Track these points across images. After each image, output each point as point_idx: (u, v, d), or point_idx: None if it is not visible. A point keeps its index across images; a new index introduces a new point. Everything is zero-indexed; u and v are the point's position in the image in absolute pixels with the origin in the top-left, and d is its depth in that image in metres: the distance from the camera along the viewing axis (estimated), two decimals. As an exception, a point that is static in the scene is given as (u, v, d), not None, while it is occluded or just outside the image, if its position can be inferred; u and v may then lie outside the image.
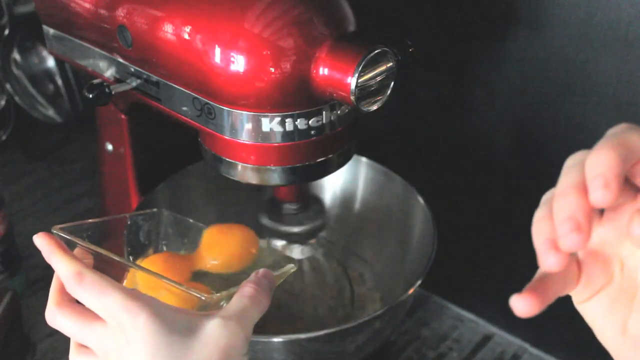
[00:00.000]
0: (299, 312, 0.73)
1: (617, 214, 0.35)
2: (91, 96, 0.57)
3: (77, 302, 0.44)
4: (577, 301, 0.38)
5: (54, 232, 0.47)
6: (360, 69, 0.48)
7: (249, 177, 0.56)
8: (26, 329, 0.75)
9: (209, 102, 0.53)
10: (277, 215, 0.65)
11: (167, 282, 0.47)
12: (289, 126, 0.52)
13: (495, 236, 0.76)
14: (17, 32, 0.96)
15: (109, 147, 0.73)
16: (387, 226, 0.78)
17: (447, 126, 0.76)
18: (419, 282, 0.62)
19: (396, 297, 0.61)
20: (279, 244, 0.66)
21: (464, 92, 0.72)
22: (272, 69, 0.49)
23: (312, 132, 0.53)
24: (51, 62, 0.97)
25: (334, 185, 0.81)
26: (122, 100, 0.66)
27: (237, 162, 0.55)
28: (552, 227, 0.33)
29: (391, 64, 0.51)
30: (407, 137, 0.81)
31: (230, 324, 0.43)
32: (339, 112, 0.54)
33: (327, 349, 0.61)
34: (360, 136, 0.59)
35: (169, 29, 0.53)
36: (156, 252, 0.58)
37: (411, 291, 0.61)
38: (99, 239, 0.50)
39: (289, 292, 0.74)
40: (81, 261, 0.44)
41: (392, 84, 0.52)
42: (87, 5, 0.60)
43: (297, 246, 0.67)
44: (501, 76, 0.68)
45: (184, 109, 0.56)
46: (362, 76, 0.49)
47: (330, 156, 0.56)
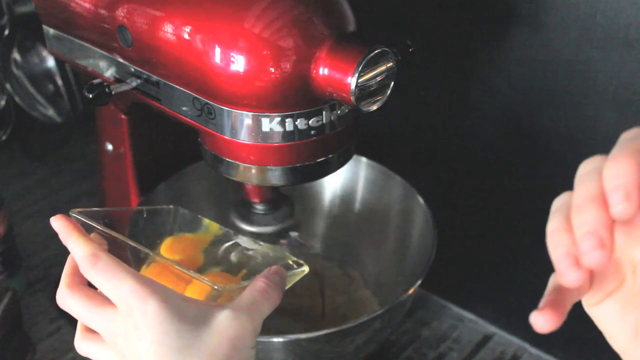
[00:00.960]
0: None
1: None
2: (91, 96, 0.57)
3: (89, 286, 0.44)
4: (587, 304, 0.37)
5: (72, 215, 0.47)
6: (360, 69, 0.48)
7: (249, 177, 0.56)
8: (26, 329, 0.75)
9: (209, 102, 0.53)
10: (247, 215, 0.64)
11: (181, 270, 0.47)
12: (289, 126, 0.52)
13: (495, 236, 0.76)
14: (17, 32, 0.96)
15: (109, 147, 0.73)
16: (387, 226, 0.78)
17: (447, 126, 0.76)
18: (419, 282, 0.62)
19: (396, 297, 0.61)
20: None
21: (464, 92, 0.72)
22: (272, 69, 0.49)
23: (312, 132, 0.53)
24: (51, 62, 0.97)
25: (334, 185, 0.81)
26: (122, 100, 0.66)
27: (237, 162, 0.55)
28: (570, 239, 0.32)
29: (391, 64, 0.51)
30: (407, 137, 0.81)
31: (240, 315, 0.43)
32: (339, 112, 0.54)
33: (327, 349, 0.61)
34: (360, 136, 0.59)
35: (169, 29, 0.53)
36: None
37: (411, 291, 0.61)
38: (115, 228, 0.50)
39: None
40: (97, 244, 0.44)
41: (392, 84, 0.52)
42: (87, 5, 0.60)
43: None
44: (501, 76, 0.68)
45: (184, 109, 0.56)
46: (362, 76, 0.49)
47: (330, 156, 0.56)
